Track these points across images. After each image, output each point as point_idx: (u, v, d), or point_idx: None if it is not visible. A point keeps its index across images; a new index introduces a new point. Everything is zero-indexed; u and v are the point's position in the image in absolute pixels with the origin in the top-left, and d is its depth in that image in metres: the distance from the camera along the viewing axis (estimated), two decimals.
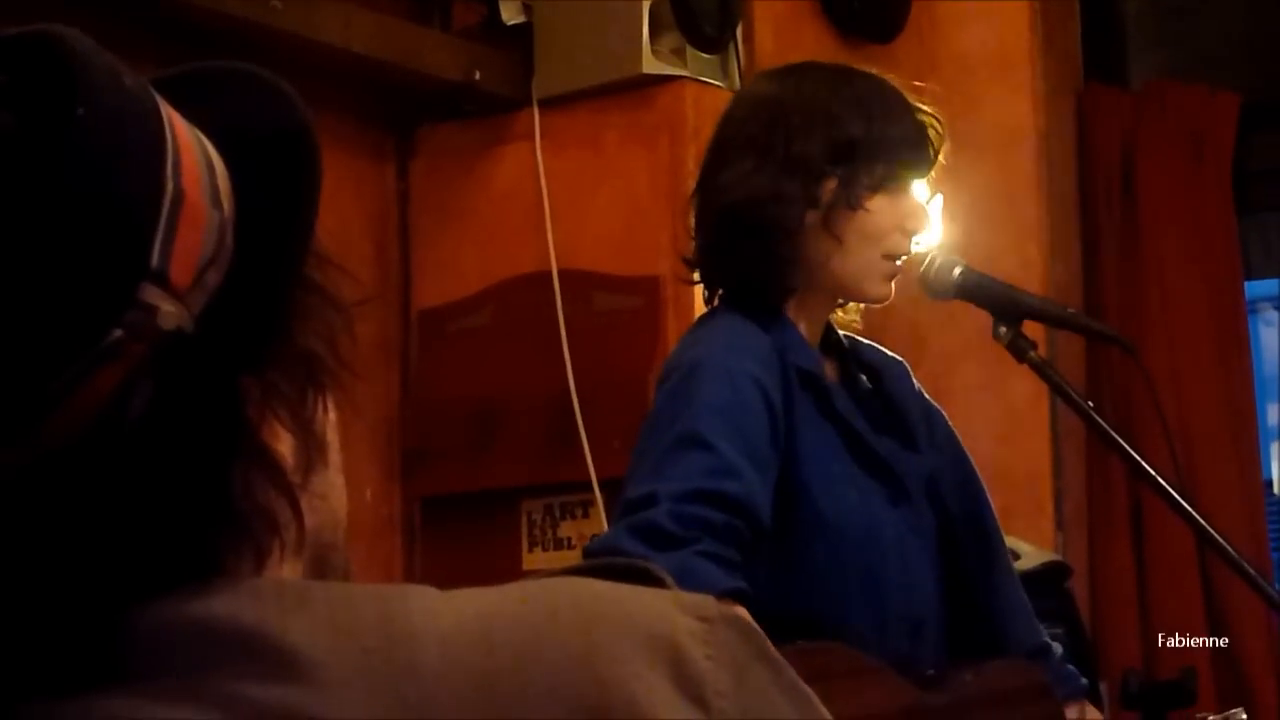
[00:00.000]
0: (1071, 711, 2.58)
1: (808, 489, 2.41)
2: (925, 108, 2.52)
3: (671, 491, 2.29)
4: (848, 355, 2.59)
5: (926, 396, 2.65)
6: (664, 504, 2.28)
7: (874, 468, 2.49)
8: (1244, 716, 2.48)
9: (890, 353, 2.65)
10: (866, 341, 2.63)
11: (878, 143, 2.46)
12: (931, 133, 2.51)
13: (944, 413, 2.66)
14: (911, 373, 2.65)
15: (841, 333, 2.60)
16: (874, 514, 2.46)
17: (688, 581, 2.19)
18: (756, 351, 2.43)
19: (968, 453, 2.65)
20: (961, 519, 2.59)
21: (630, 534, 2.29)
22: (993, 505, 2.65)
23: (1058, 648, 2.67)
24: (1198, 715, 2.54)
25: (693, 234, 2.55)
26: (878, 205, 2.46)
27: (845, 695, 2.23)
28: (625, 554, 2.25)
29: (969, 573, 2.59)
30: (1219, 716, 2.51)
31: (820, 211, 2.45)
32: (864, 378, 2.59)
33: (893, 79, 2.54)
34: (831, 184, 2.45)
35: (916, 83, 2.56)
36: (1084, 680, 2.65)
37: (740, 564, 2.28)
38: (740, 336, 2.46)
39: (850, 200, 2.45)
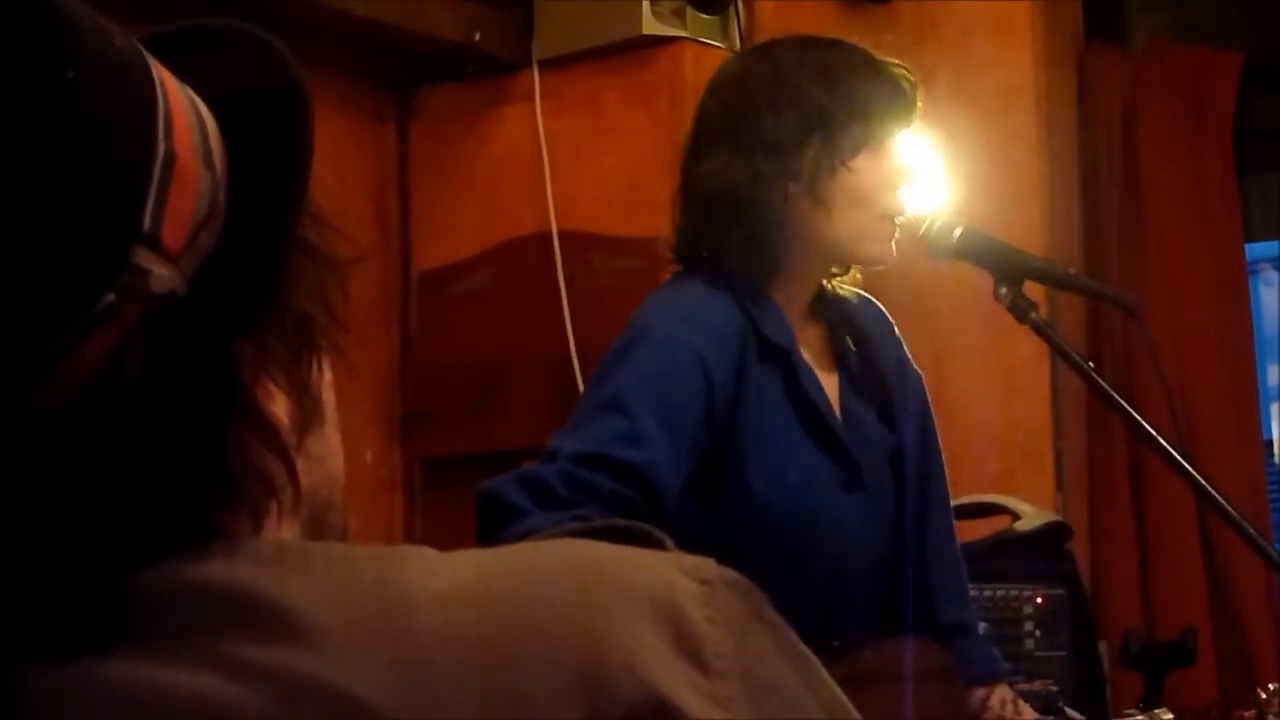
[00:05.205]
0: (980, 694, 2.57)
1: (742, 465, 2.41)
2: (892, 61, 2.52)
3: (572, 451, 2.30)
4: (834, 317, 2.58)
5: (906, 356, 2.64)
6: (560, 463, 2.29)
7: (833, 450, 2.49)
8: (1169, 716, 2.45)
9: (878, 306, 2.64)
10: (855, 296, 2.61)
11: (849, 104, 2.46)
12: (904, 84, 2.51)
13: (922, 376, 2.65)
14: (896, 330, 2.65)
15: (831, 292, 2.59)
16: (815, 497, 2.46)
17: None
18: (711, 323, 2.42)
19: (933, 418, 2.65)
20: (910, 487, 2.59)
21: (517, 484, 2.30)
22: (945, 475, 2.64)
23: (984, 626, 2.66)
24: (1126, 712, 2.51)
25: (675, 222, 2.56)
26: (862, 164, 2.46)
27: None
28: (508, 504, 2.27)
29: (905, 542, 2.58)
30: (1144, 715, 2.48)
31: (803, 181, 2.45)
32: (849, 340, 2.59)
33: (855, 40, 2.54)
34: (810, 153, 2.45)
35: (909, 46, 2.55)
36: (1005, 664, 2.64)
37: None
38: (697, 305, 2.45)
39: (832, 163, 2.45)
